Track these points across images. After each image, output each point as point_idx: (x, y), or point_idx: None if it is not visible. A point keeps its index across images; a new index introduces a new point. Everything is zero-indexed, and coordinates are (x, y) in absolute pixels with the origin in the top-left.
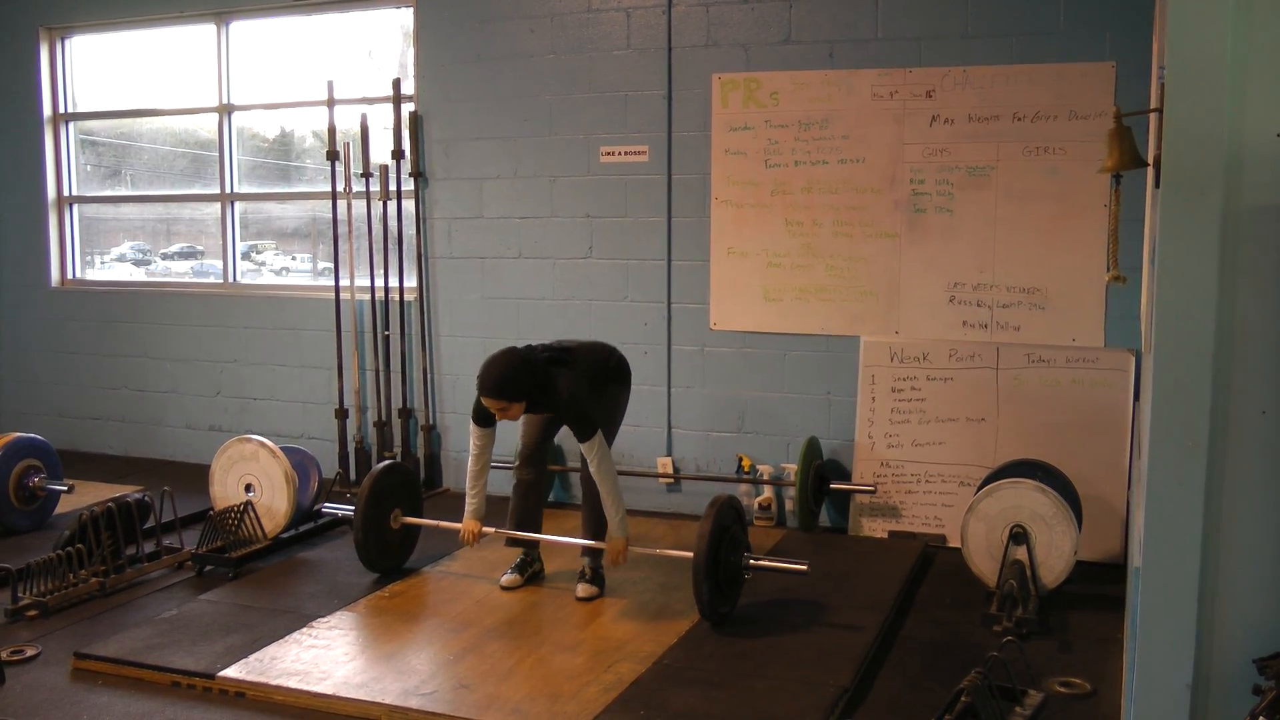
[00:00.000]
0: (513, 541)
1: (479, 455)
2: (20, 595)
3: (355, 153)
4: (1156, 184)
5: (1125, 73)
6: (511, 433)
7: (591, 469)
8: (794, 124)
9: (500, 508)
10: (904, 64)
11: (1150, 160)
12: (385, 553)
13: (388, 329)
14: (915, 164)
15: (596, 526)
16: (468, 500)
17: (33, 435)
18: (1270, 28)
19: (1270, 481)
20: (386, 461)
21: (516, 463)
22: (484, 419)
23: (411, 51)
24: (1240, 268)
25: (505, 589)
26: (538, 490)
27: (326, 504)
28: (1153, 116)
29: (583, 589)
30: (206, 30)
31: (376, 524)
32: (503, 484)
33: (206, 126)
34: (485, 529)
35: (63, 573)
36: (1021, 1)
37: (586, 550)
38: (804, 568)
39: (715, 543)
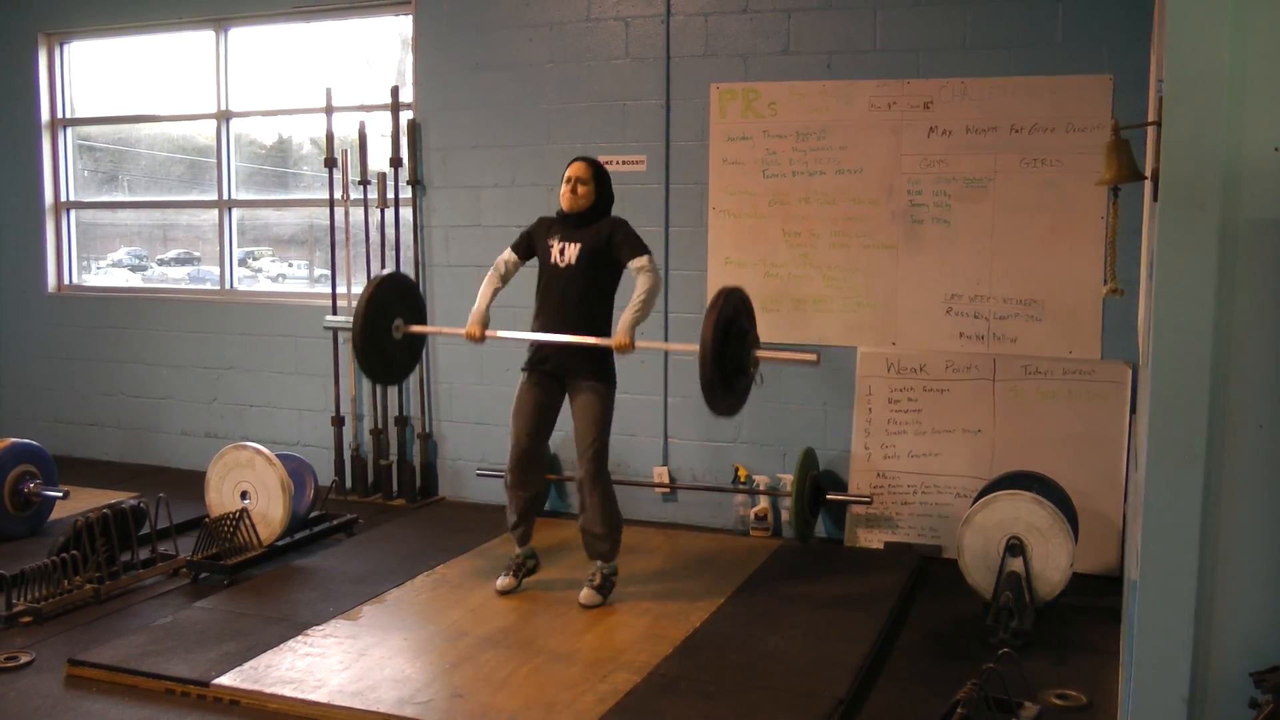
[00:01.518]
0: (514, 524)
1: (497, 275)
2: (14, 601)
3: (353, 160)
4: (1154, 197)
5: (1123, 85)
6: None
7: (640, 289)
8: (792, 134)
9: (494, 518)
10: (902, 75)
11: (1148, 173)
12: (388, 364)
13: None
14: (913, 175)
15: (595, 540)
16: (475, 306)
17: (28, 441)
18: (1268, 42)
19: (1267, 495)
20: (387, 271)
21: (509, 465)
22: (524, 248)
23: (410, 59)
24: (1238, 282)
25: (500, 593)
26: (535, 504)
27: (330, 319)
28: (1151, 130)
29: (586, 595)
30: (205, 36)
31: (377, 333)
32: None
33: (204, 133)
34: (489, 332)
35: (57, 579)
36: (1019, 13)
37: (593, 556)
38: (813, 358)
39: (722, 333)
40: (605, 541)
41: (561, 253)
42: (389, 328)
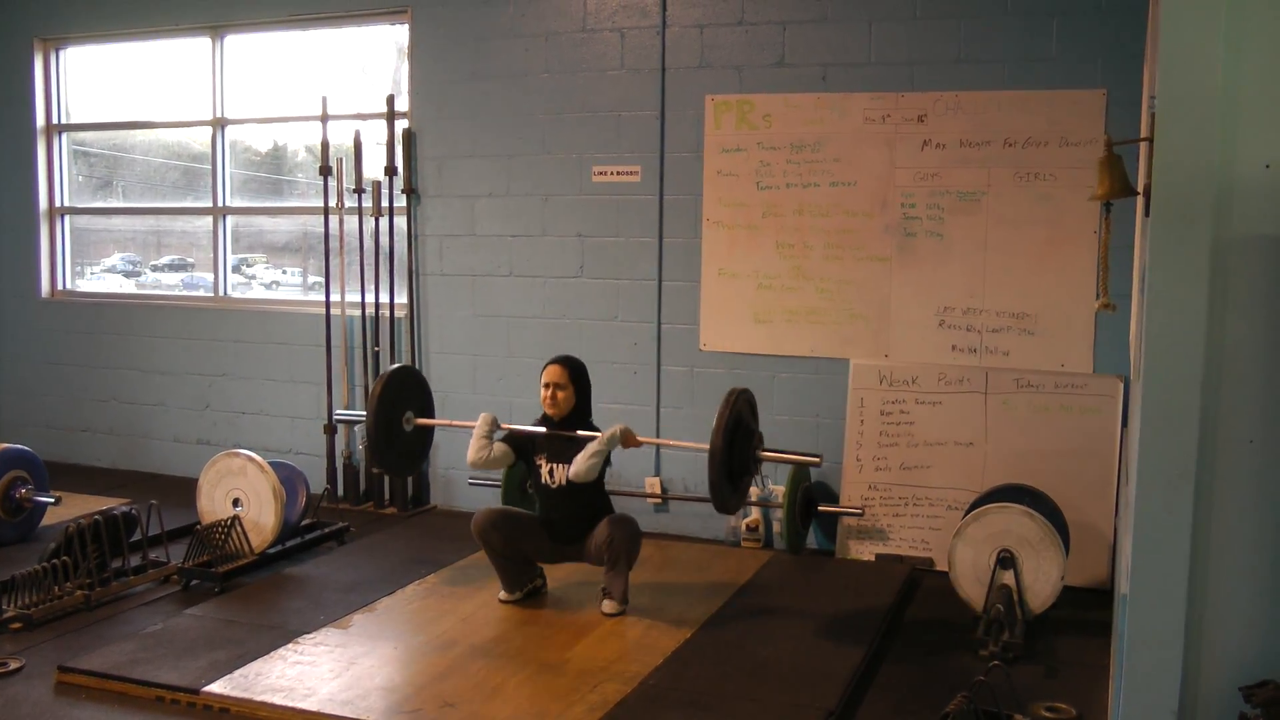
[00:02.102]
0: (509, 585)
1: (487, 450)
2: (4, 607)
3: (348, 168)
4: (1147, 213)
5: (1116, 100)
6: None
7: (578, 460)
8: (786, 146)
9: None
10: (896, 88)
11: (1140, 189)
12: (401, 456)
13: (378, 345)
14: (906, 188)
15: (614, 556)
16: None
17: (20, 446)
18: (1260, 60)
19: (1257, 510)
20: (396, 365)
21: (476, 518)
22: (515, 443)
23: (406, 68)
24: (1229, 297)
25: (504, 603)
26: (507, 539)
27: (339, 413)
28: (1143, 145)
29: (609, 605)
30: (201, 43)
31: (389, 426)
32: (489, 502)
33: (199, 139)
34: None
35: (48, 585)
36: (1014, 27)
37: (607, 569)
38: (816, 460)
39: (730, 433)
40: (626, 564)
41: (551, 474)
42: (400, 421)
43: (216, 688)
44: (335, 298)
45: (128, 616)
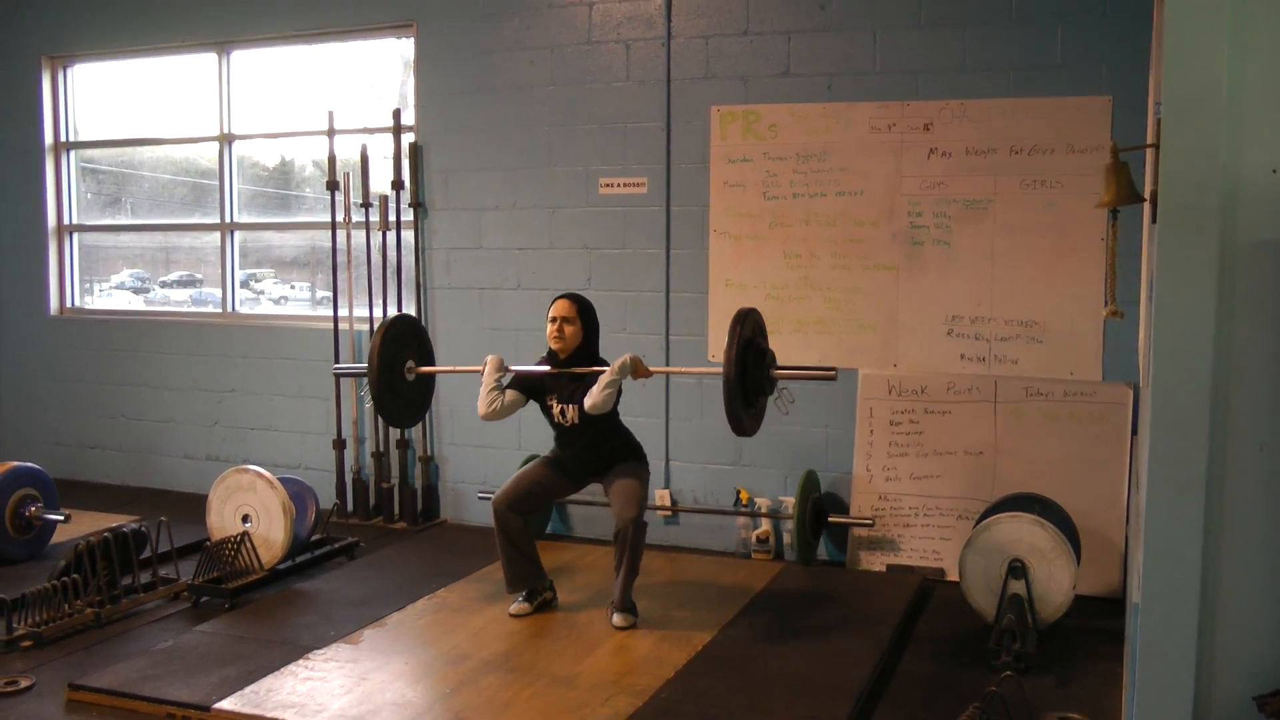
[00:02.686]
0: (513, 581)
1: (499, 401)
2: (15, 626)
3: (355, 182)
4: (1154, 219)
5: (1122, 107)
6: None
7: (592, 392)
8: (792, 156)
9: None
10: (902, 97)
11: (1147, 195)
12: (406, 406)
13: None
14: (913, 196)
15: (620, 550)
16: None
17: (29, 464)
18: (1266, 65)
19: (1269, 516)
20: (395, 314)
21: (497, 496)
22: (523, 386)
23: (412, 82)
24: (1237, 303)
25: (514, 616)
26: (525, 529)
27: (339, 367)
28: (1149, 152)
29: (619, 619)
30: (208, 59)
31: (390, 375)
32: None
33: (207, 155)
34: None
35: (58, 603)
36: (1019, 35)
37: (615, 566)
38: (832, 374)
39: (741, 356)
40: (631, 575)
41: (563, 414)
42: (402, 371)
43: (227, 704)
44: (343, 312)
45: (138, 634)
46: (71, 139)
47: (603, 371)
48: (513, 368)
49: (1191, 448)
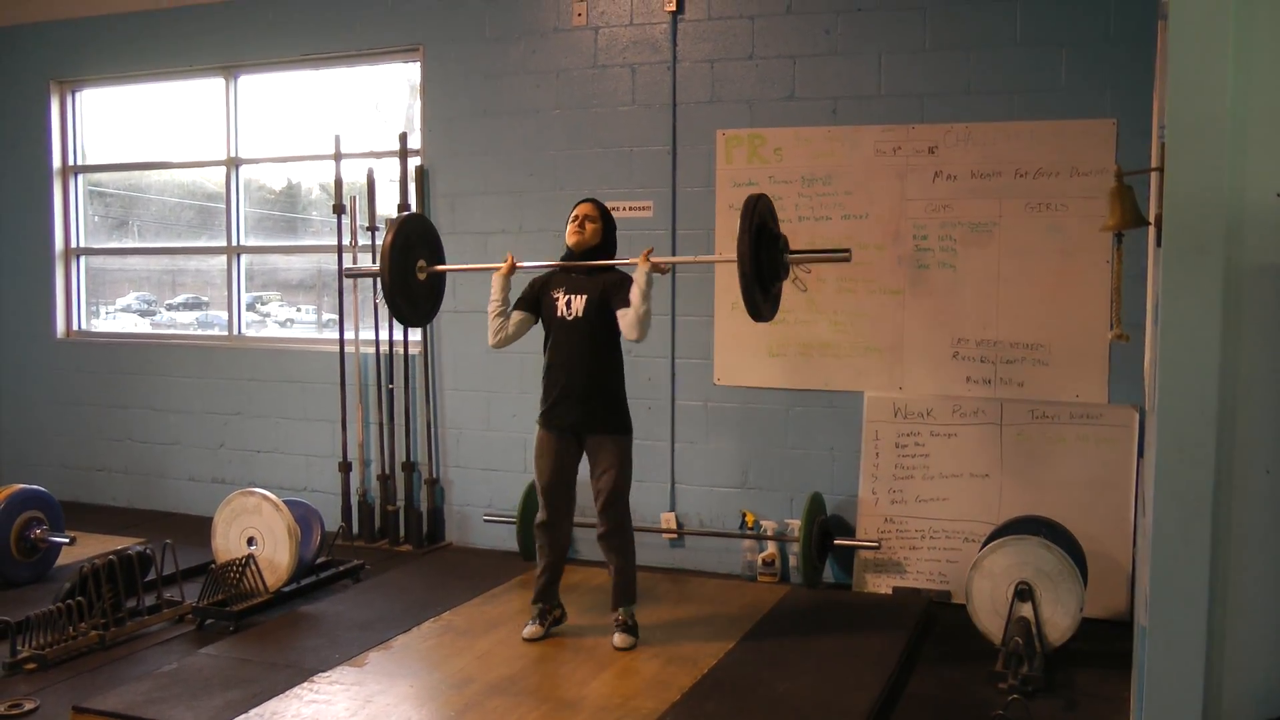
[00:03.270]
0: (539, 594)
1: (501, 320)
2: (19, 648)
3: (361, 206)
4: (1158, 243)
5: (1126, 130)
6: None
7: (630, 315)
8: (797, 180)
9: (501, 563)
10: (907, 120)
11: (1152, 219)
12: (414, 305)
13: (391, 382)
14: (918, 220)
15: (625, 588)
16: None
17: (35, 487)
18: (1269, 88)
19: (1275, 539)
20: (406, 212)
21: (539, 518)
22: (527, 304)
23: (418, 106)
24: (1243, 327)
25: (527, 640)
26: (563, 554)
27: (349, 267)
28: (1154, 175)
29: (620, 639)
30: (215, 84)
31: (403, 275)
32: (504, 539)
33: (214, 179)
34: (519, 264)
35: (62, 625)
36: (1023, 58)
37: (618, 600)
38: (846, 255)
39: (755, 239)
40: (630, 589)
41: (568, 305)
42: (413, 269)
43: None
44: (349, 335)
45: (142, 656)
46: (79, 163)
47: (613, 266)
48: (522, 265)
49: (1198, 471)
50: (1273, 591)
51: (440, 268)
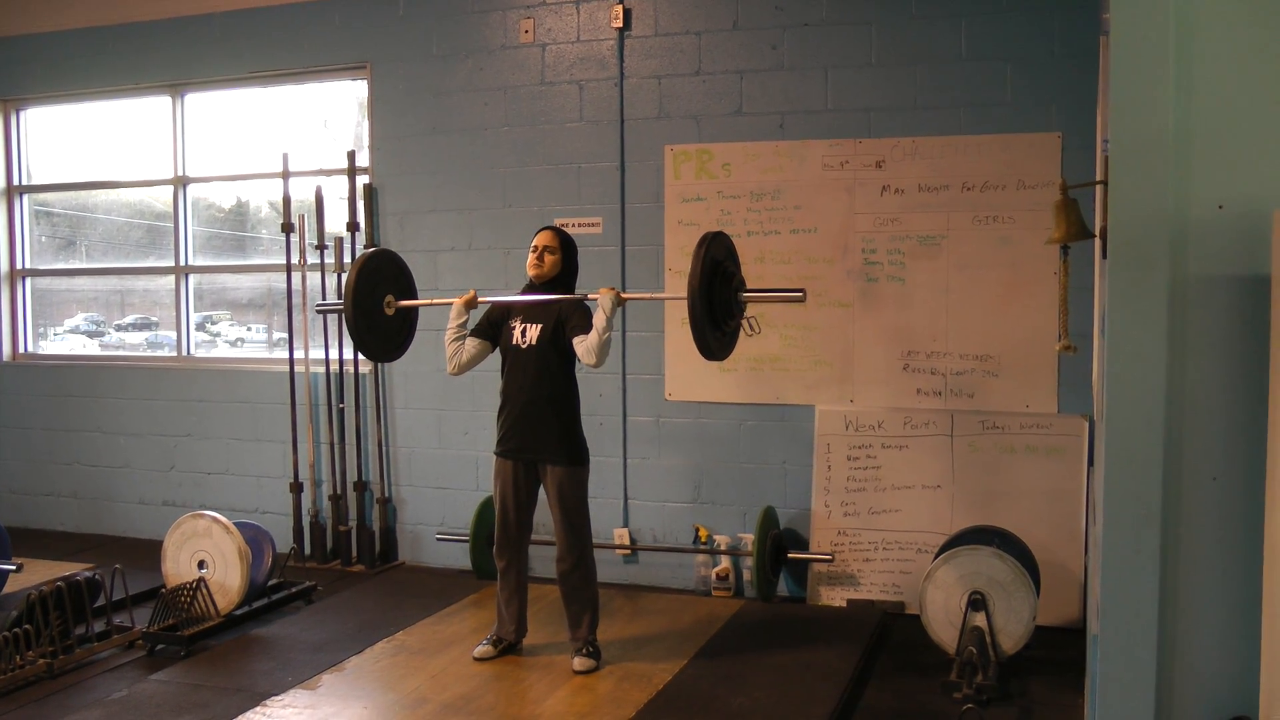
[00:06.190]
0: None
1: (457, 345)
2: None
3: (310, 224)
4: (1104, 255)
5: (1071, 143)
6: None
7: (589, 340)
8: (746, 194)
9: (454, 583)
10: (854, 134)
11: (1097, 231)
12: (385, 340)
13: (342, 402)
14: (867, 233)
15: (580, 613)
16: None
17: None
18: (1210, 102)
19: (1224, 547)
20: (371, 249)
21: (496, 544)
22: (484, 333)
23: (367, 124)
24: (1188, 337)
25: (478, 660)
26: (524, 580)
27: (320, 304)
28: (1099, 188)
29: (579, 663)
30: (162, 102)
31: (368, 313)
32: (457, 558)
33: (162, 198)
34: (481, 299)
35: (9, 655)
36: (969, 73)
37: (575, 625)
38: (800, 296)
39: (708, 277)
40: (591, 621)
41: (523, 334)
42: (380, 305)
43: None
44: (299, 354)
45: (92, 684)
46: (25, 182)
47: (572, 297)
48: (484, 299)
49: (1146, 480)
50: (1222, 598)
51: (406, 302)
